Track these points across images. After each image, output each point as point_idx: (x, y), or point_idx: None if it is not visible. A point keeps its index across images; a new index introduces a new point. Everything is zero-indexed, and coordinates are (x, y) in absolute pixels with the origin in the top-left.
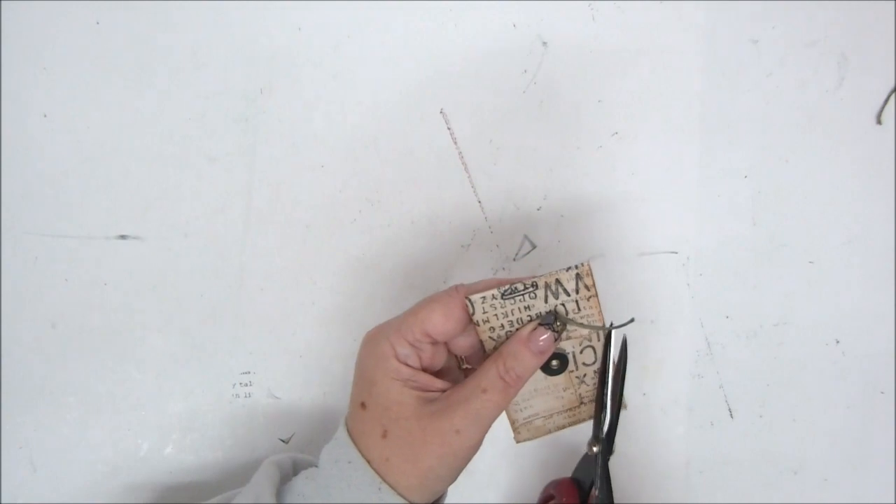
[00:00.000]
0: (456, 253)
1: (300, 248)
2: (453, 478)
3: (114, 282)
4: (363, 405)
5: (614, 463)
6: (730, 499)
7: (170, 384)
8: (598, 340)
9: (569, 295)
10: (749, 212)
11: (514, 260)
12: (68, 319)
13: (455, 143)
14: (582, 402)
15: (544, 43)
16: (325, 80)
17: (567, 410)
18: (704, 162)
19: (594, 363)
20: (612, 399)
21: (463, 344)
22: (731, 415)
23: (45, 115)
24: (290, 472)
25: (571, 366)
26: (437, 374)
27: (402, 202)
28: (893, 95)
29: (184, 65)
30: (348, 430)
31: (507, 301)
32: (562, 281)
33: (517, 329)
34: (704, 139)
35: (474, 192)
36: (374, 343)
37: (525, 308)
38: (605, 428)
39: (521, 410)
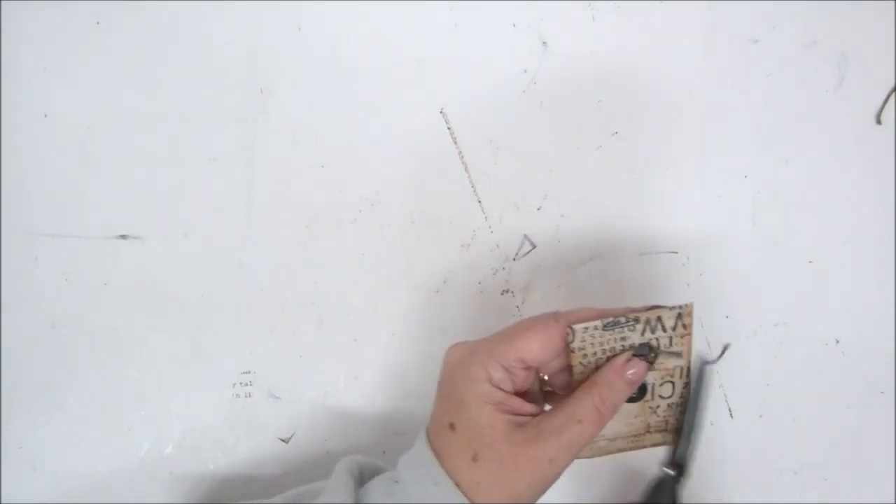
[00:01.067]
0: (456, 253)
1: (300, 248)
2: (536, 501)
3: (114, 282)
4: (452, 426)
5: (611, 463)
6: (730, 499)
7: (170, 384)
8: (681, 378)
9: (665, 331)
10: (749, 212)
11: (514, 260)
12: (68, 319)
13: (455, 143)
14: (648, 431)
15: (544, 43)
16: (325, 79)
17: (632, 436)
18: (704, 162)
19: (670, 397)
20: (694, 425)
21: (552, 367)
22: (731, 415)
23: (45, 115)
24: (359, 477)
25: (648, 396)
26: (522, 395)
27: (402, 202)
28: (893, 95)
29: (184, 65)
30: (432, 449)
31: (606, 332)
32: (663, 318)
33: (608, 357)
34: (704, 139)
35: (474, 192)
36: (465, 364)
37: (621, 339)
38: (683, 452)
39: None
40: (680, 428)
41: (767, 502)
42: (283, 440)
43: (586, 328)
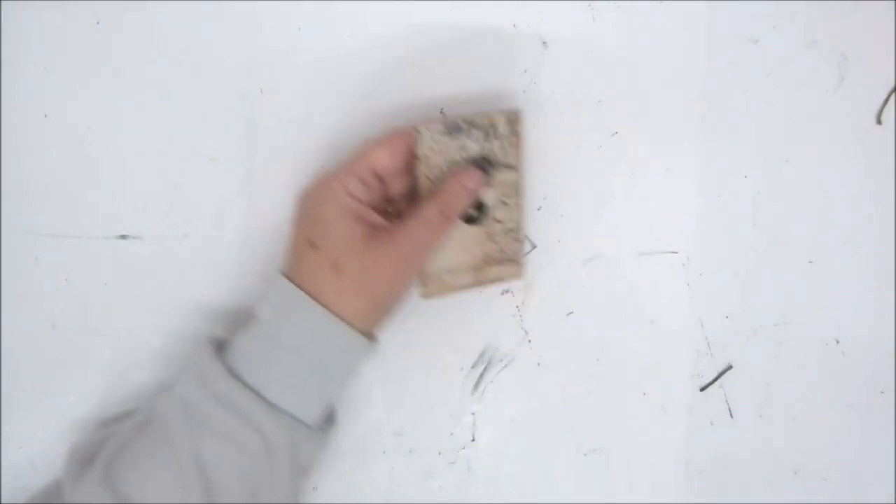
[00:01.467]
0: None
1: None
2: (393, 312)
3: (114, 282)
4: (311, 243)
5: (611, 463)
6: (730, 499)
7: (170, 384)
8: (514, 197)
9: (499, 140)
10: (749, 212)
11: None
12: (68, 319)
13: None
14: (487, 263)
15: (544, 43)
16: (325, 79)
17: (473, 269)
18: (704, 162)
19: (505, 221)
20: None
21: (401, 184)
22: (731, 415)
23: (45, 115)
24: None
25: (486, 218)
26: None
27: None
28: (893, 95)
29: (184, 65)
30: (288, 278)
31: (448, 138)
32: (496, 124)
33: (450, 171)
34: (704, 139)
35: None
36: (321, 183)
37: (460, 148)
38: None
39: (432, 261)
40: (519, 259)
41: (767, 502)
42: None
43: (430, 131)
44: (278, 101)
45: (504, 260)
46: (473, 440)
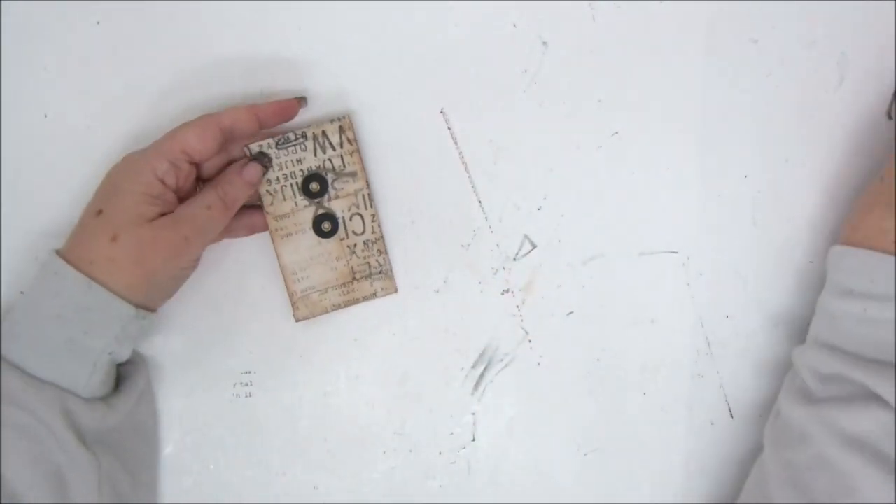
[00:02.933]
0: (456, 253)
1: None
2: (171, 290)
3: None
4: (99, 212)
5: (611, 463)
6: (730, 499)
7: (170, 384)
8: (367, 208)
9: (335, 149)
10: (749, 212)
11: (515, 260)
12: None
13: (455, 143)
14: (355, 278)
15: (544, 43)
16: (324, 79)
17: (341, 286)
18: (704, 162)
19: (364, 233)
20: None
21: (210, 170)
22: (731, 415)
23: (45, 115)
24: None
25: (342, 232)
26: (181, 198)
27: (403, 202)
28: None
29: (184, 65)
30: (60, 252)
31: (280, 151)
32: (327, 133)
33: (291, 182)
34: (704, 139)
35: (474, 192)
36: (131, 160)
37: (297, 161)
38: None
39: (298, 281)
40: (389, 272)
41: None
42: (283, 441)
43: (261, 146)
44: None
45: (374, 274)
46: (473, 440)
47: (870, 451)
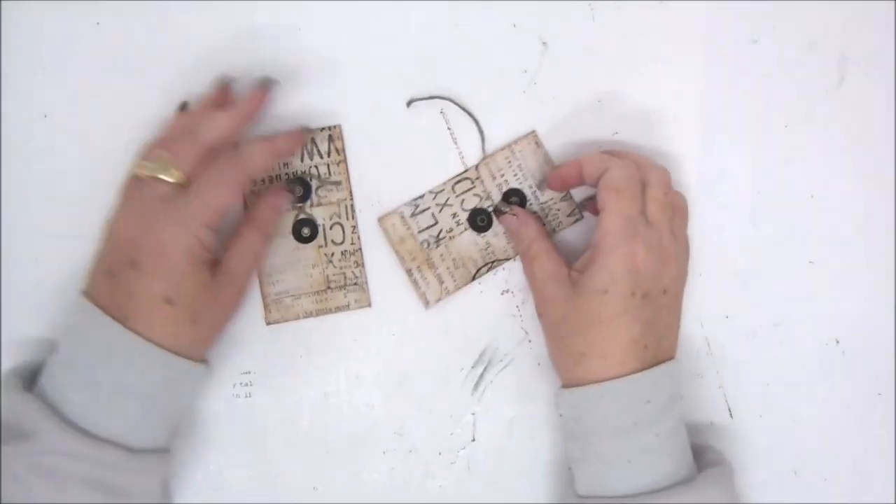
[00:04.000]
0: None
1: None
2: (223, 330)
3: None
4: (170, 300)
5: None
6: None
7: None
8: (348, 219)
9: (322, 157)
10: (749, 212)
11: (514, 260)
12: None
13: (455, 143)
14: (329, 287)
15: (544, 43)
16: (325, 80)
17: (315, 294)
18: (704, 162)
19: (342, 243)
20: None
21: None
22: (731, 415)
23: (45, 115)
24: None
25: (321, 240)
26: None
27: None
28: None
29: (184, 65)
30: (107, 310)
31: None
32: (316, 140)
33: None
34: (704, 139)
35: None
36: (182, 239)
37: (283, 164)
38: None
39: (273, 284)
40: (364, 285)
41: (767, 502)
42: (283, 441)
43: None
44: (278, 101)
45: (348, 285)
46: (473, 440)
47: None
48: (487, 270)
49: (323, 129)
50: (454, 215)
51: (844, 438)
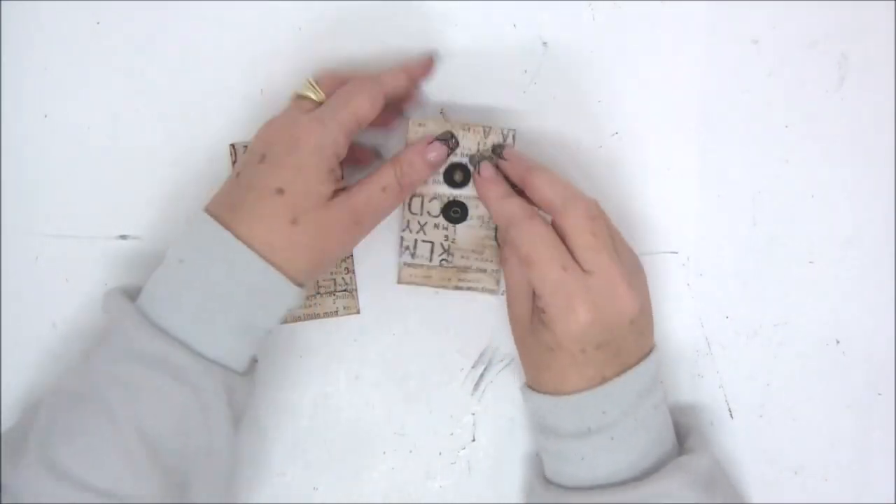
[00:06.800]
0: None
1: None
2: (331, 268)
3: (114, 282)
4: (281, 191)
5: None
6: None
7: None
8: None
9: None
10: (749, 212)
11: None
12: (68, 319)
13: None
14: (318, 293)
15: (544, 43)
16: None
17: (305, 299)
18: (704, 162)
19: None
20: None
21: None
22: (731, 415)
23: (45, 116)
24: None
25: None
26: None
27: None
28: None
29: (184, 65)
30: (226, 223)
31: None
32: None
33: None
34: (704, 139)
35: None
36: (312, 134)
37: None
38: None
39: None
40: (353, 291)
41: (767, 502)
42: (283, 441)
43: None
44: (278, 101)
45: (338, 291)
46: (473, 440)
47: None
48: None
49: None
50: (436, 225)
51: (844, 438)
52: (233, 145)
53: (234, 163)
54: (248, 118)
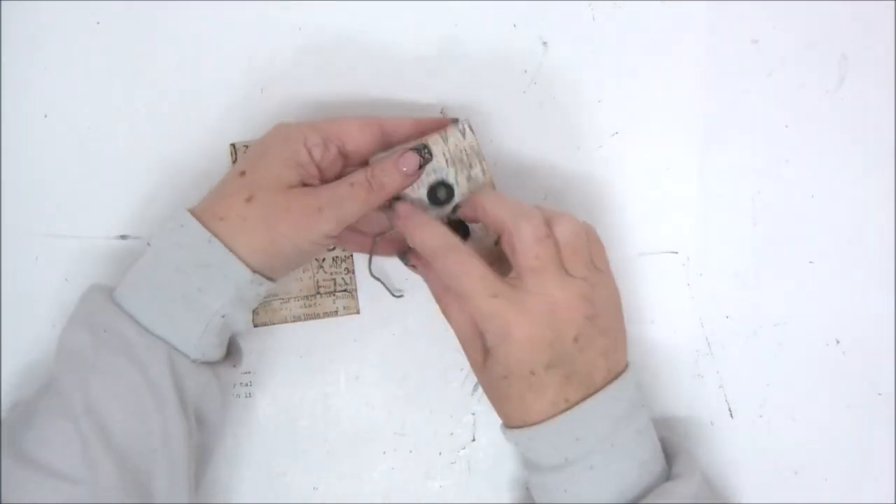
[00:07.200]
0: None
1: None
2: (294, 263)
3: (114, 282)
4: (243, 173)
5: None
6: (730, 499)
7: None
8: None
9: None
10: (749, 212)
11: None
12: None
13: None
14: (318, 293)
15: (544, 43)
16: (325, 80)
17: (304, 298)
18: (704, 162)
19: (333, 249)
20: None
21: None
22: (731, 415)
23: (45, 116)
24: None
25: None
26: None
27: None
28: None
29: (184, 65)
30: (195, 208)
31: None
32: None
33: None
34: (704, 139)
35: None
36: (285, 127)
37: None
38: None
39: None
40: (353, 291)
41: (767, 502)
42: (283, 441)
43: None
44: (278, 101)
45: (338, 291)
46: (473, 440)
47: None
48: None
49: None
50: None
51: (844, 438)
52: (233, 145)
53: (234, 162)
54: (248, 118)
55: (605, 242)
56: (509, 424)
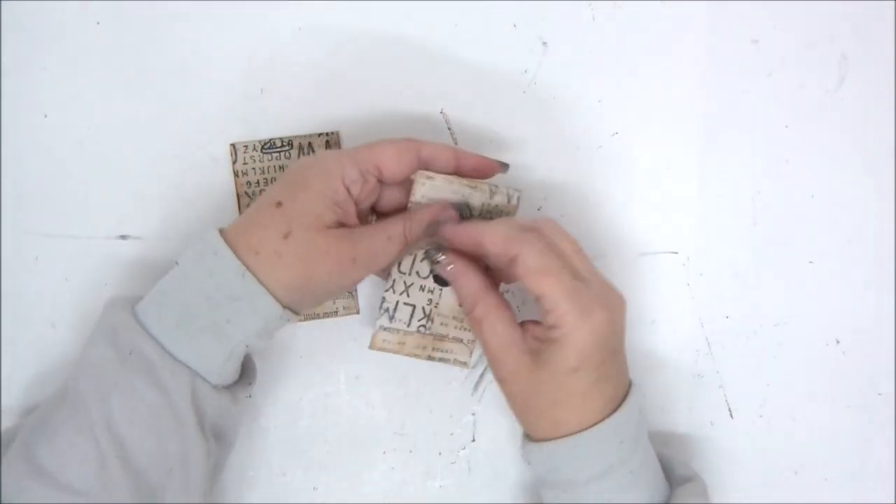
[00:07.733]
0: None
1: None
2: (322, 300)
3: (114, 282)
4: (279, 204)
5: None
6: (730, 499)
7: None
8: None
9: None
10: (749, 212)
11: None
12: (68, 319)
13: (455, 143)
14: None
15: (544, 43)
16: (325, 80)
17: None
18: (704, 162)
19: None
20: None
21: (389, 201)
22: (731, 415)
23: (45, 116)
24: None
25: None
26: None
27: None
28: None
29: (184, 65)
30: (225, 233)
31: (265, 155)
32: (313, 145)
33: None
34: (704, 139)
35: None
36: (323, 158)
37: (279, 168)
38: None
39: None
40: (354, 291)
41: (767, 502)
42: (283, 441)
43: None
44: (278, 101)
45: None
46: (473, 440)
47: None
48: None
49: (321, 134)
50: (422, 287)
51: (844, 438)
52: (233, 145)
53: (234, 162)
54: (248, 118)
55: (606, 242)
56: (548, 436)
